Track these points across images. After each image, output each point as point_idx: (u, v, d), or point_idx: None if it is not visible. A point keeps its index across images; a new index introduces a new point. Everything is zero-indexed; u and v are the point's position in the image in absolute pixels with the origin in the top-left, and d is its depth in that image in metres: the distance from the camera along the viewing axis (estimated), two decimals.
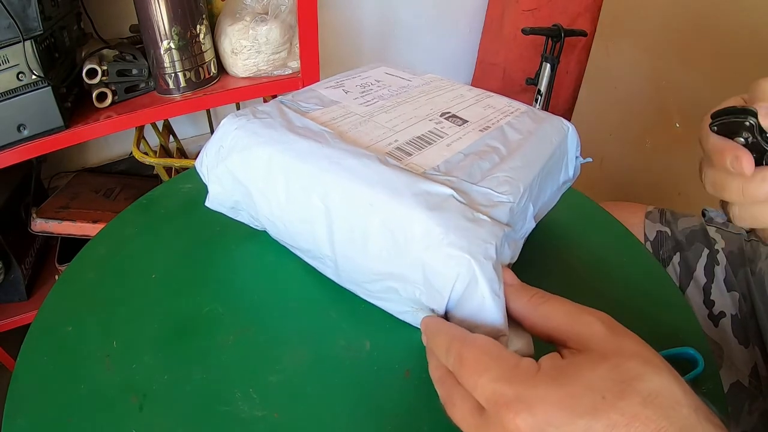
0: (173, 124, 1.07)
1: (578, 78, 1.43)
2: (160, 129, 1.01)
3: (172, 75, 0.79)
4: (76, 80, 0.77)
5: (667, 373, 0.21)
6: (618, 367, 0.20)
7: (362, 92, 0.42)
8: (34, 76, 0.66)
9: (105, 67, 0.75)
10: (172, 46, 0.75)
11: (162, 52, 0.76)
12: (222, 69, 0.87)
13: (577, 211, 0.48)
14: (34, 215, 0.87)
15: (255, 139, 0.35)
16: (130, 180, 1.10)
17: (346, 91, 0.42)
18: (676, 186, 1.14)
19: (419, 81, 0.46)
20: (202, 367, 0.32)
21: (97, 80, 0.75)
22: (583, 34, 1.26)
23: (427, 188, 0.30)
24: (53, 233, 0.89)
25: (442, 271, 0.27)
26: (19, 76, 0.66)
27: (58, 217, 0.89)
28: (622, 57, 1.25)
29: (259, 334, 0.34)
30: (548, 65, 1.26)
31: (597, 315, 0.23)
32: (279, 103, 0.39)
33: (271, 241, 0.40)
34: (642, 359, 0.21)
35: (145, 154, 0.82)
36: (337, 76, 0.46)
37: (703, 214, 0.62)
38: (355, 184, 0.31)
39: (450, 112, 0.40)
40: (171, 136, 1.07)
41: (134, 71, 0.79)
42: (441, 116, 0.39)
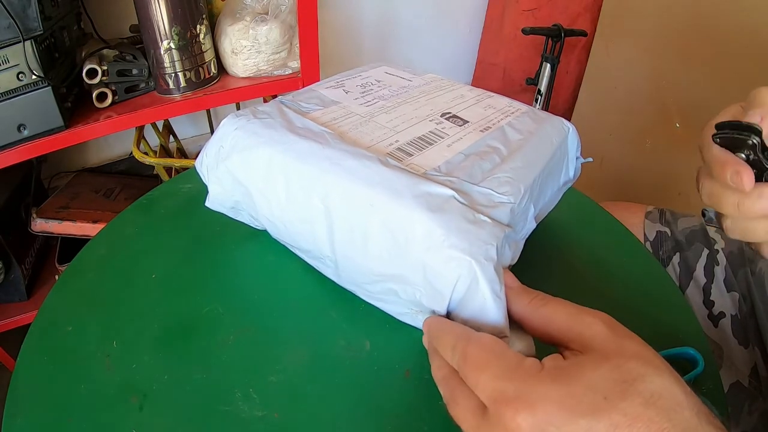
0: (173, 124, 1.07)
1: (578, 78, 1.43)
2: (160, 129, 1.01)
3: (172, 75, 0.79)
4: (76, 80, 0.77)
5: (668, 375, 0.21)
6: (619, 368, 0.20)
7: (363, 92, 0.42)
8: (34, 76, 0.66)
9: (105, 67, 0.75)
10: (172, 46, 0.75)
11: (162, 52, 0.76)
12: (222, 69, 0.87)
13: (577, 211, 0.48)
14: (34, 215, 0.87)
15: (255, 140, 0.35)
16: (130, 180, 1.10)
17: (346, 91, 0.42)
18: (676, 186, 1.14)
19: (420, 81, 0.46)
20: (202, 367, 0.32)
21: (97, 80, 0.75)
22: (583, 34, 1.26)
23: (428, 189, 0.30)
24: (53, 233, 0.89)
25: (443, 273, 0.27)
26: (19, 76, 0.66)
27: (58, 217, 0.89)
28: (622, 57, 1.25)
29: (259, 334, 0.34)
30: (548, 65, 1.26)
31: (598, 316, 0.23)
32: (279, 104, 0.39)
33: (272, 241, 0.40)
34: (643, 360, 0.21)
35: (145, 154, 0.82)
36: (337, 76, 0.46)
37: (703, 214, 0.62)
38: (356, 185, 0.31)
39: (450, 113, 0.40)
40: (171, 136, 1.07)
41: (134, 71, 0.79)
42: (441, 116, 0.39)
